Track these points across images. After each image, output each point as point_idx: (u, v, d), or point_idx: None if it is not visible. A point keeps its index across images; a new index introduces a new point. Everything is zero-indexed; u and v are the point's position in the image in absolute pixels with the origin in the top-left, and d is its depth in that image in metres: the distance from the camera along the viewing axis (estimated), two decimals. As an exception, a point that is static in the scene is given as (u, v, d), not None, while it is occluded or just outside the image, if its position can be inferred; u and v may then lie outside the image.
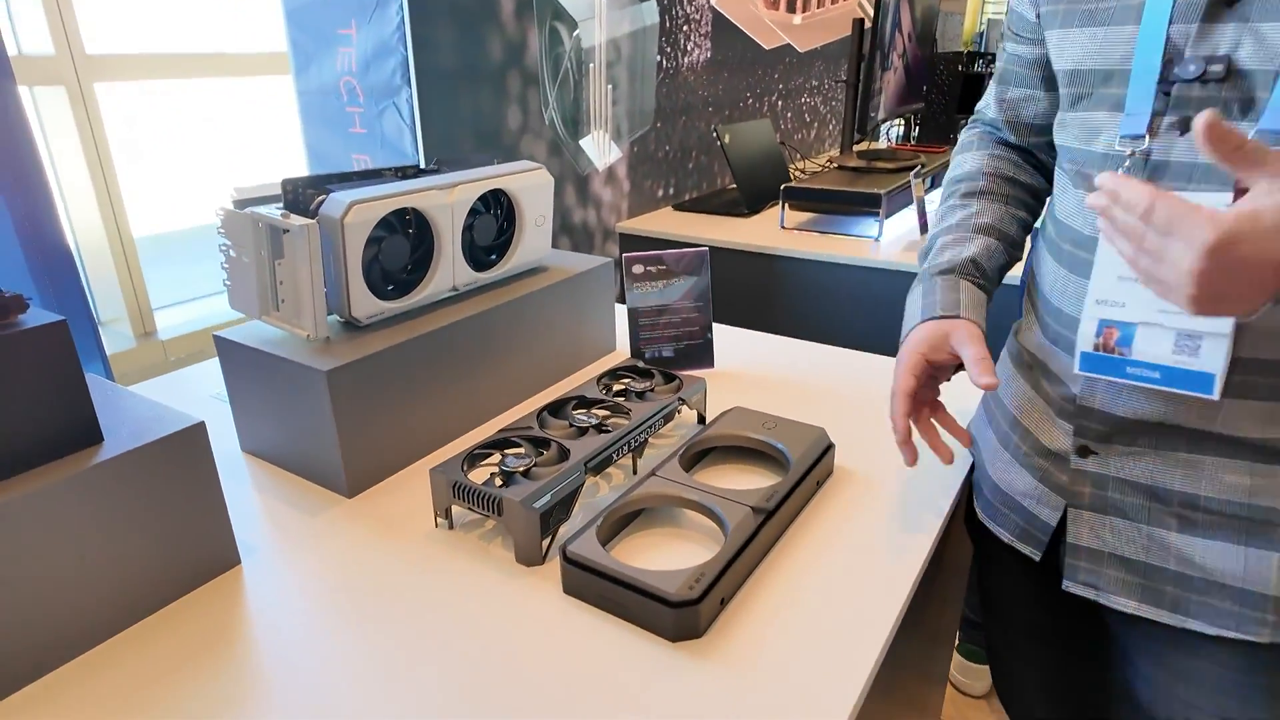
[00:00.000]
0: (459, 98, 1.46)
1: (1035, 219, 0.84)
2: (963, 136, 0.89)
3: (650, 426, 0.81)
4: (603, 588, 0.61)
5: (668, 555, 0.69)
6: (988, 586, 0.91)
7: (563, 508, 0.69)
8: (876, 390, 1.01)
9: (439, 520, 0.73)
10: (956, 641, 1.62)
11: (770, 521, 0.68)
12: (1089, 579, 0.70)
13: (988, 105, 0.85)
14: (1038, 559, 0.74)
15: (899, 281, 1.62)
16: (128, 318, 1.41)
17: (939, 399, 0.76)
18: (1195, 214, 0.47)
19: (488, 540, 0.72)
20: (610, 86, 1.82)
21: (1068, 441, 0.69)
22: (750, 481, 0.79)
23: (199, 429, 0.63)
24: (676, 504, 0.71)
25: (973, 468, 0.85)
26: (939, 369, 0.73)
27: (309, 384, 0.75)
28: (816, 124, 3.08)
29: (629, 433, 0.78)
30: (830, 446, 0.80)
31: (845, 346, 1.16)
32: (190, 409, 0.91)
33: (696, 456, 0.82)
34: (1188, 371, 0.58)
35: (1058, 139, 0.72)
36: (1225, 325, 0.56)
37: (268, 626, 0.62)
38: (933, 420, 0.75)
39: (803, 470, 0.75)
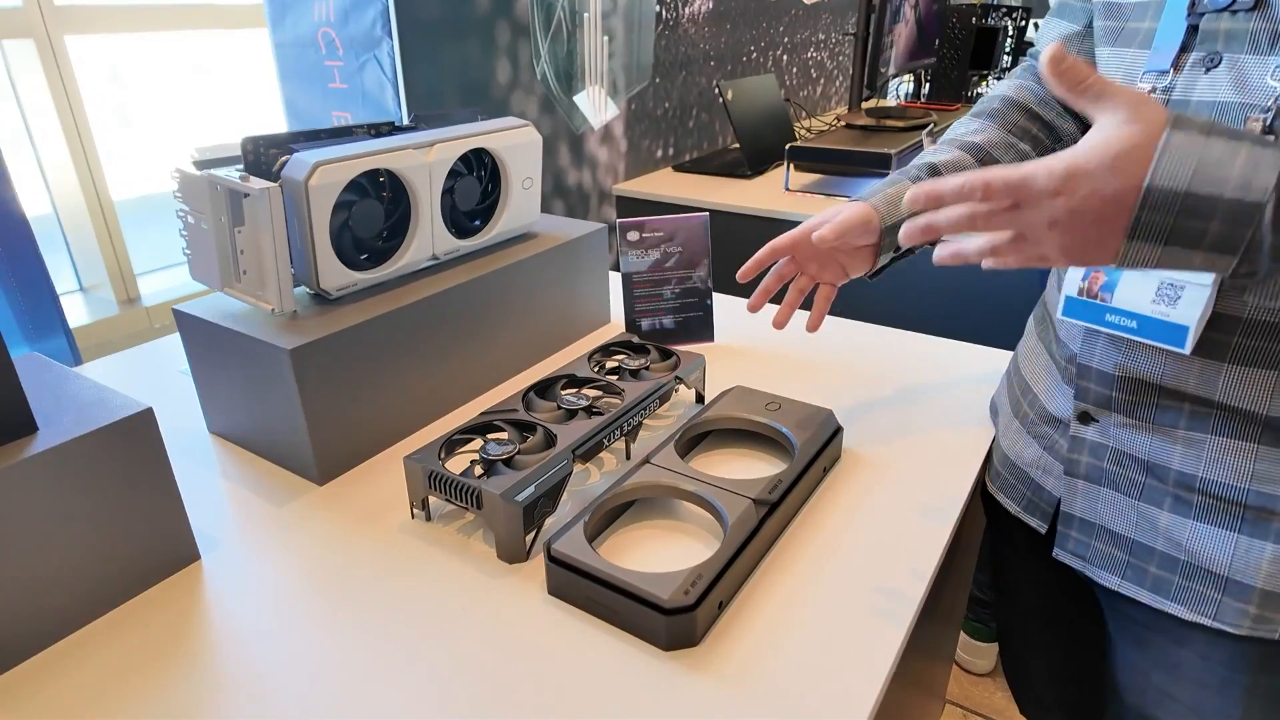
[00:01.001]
0: (444, 50, 1.37)
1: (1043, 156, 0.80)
2: (1015, 67, 0.85)
3: (644, 408, 0.75)
4: (590, 590, 0.56)
5: (662, 552, 0.63)
6: (1000, 564, 0.88)
7: (548, 500, 0.64)
8: (888, 365, 0.95)
9: (415, 511, 0.68)
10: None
11: (774, 515, 0.63)
12: (1077, 549, 0.68)
13: (1041, 37, 0.80)
14: (1043, 531, 0.72)
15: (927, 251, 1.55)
16: (110, 283, 1.35)
17: (833, 283, 0.75)
18: (1028, 169, 0.46)
19: (467, 534, 0.66)
20: (606, 38, 1.72)
21: (1069, 407, 0.66)
22: (752, 468, 0.74)
23: (146, 416, 0.58)
24: (672, 495, 0.65)
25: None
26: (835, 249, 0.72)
27: (272, 363, 0.69)
28: (823, 80, 2.96)
29: (621, 416, 0.72)
30: (838, 430, 0.75)
31: (853, 318, 1.10)
32: (160, 384, 0.85)
33: (695, 440, 0.77)
34: (1162, 322, 0.56)
35: None
36: (1207, 276, 0.53)
37: (227, 628, 0.57)
38: (804, 290, 0.75)
39: (809, 457, 0.69)
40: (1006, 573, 0.87)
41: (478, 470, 0.65)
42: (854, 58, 1.97)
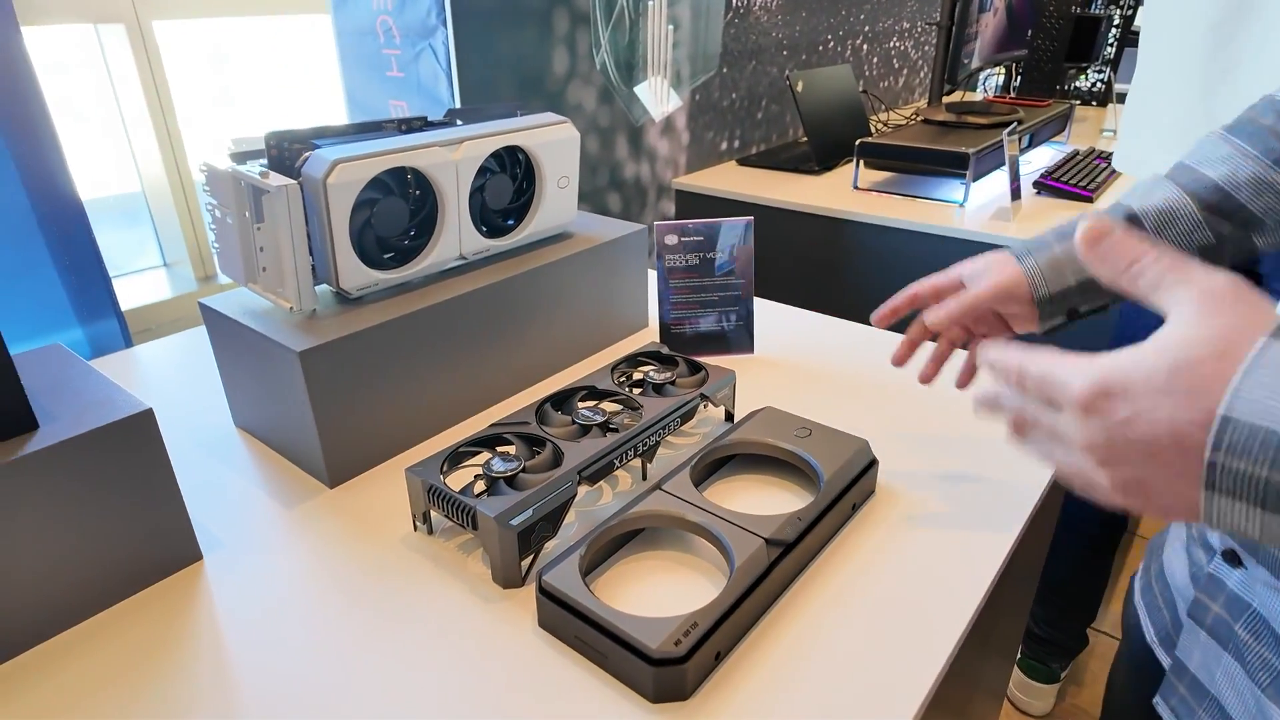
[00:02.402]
0: (499, 39, 1.35)
1: None
2: None
3: (664, 427, 0.71)
4: (579, 629, 0.52)
5: (665, 590, 0.59)
6: (1113, 670, 0.76)
7: (548, 524, 0.60)
8: (943, 388, 0.88)
9: (417, 524, 0.66)
10: (1017, 655, 1.49)
11: (788, 556, 0.58)
12: (1180, 709, 0.56)
13: None
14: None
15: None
16: (189, 261, 1.40)
17: (990, 340, 0.65)
18: (1064, 367, 0.34)
19: (467, 551, 0.64)
20: (671, 26, 1.67)
21: (1219, 536, 0.54)
22: (773, 500, 0.69)
23: (146, 416, 0.57)
24: (678, 527, 0.61)
25: (1061, 495, 0.71)
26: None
27: (284, 364, 0.68)
28: (906, 71, 2.82)
29: (635, 436, 0.68)
30: (873, 462, 0.69)
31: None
32: (203, 370, 0.86)
33: (717, 464, 0.72)
34: None
35: None
36: None
37: (214, 634, 0.56)
38: (956, 343, 0.67)
39: (835, 493, 0.64)
40: (1118, 682, 0.74)
41: (479, 487, 0.62)
42: (936, 48, 1.85)
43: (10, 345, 0.95)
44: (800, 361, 0.95)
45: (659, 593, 0.59)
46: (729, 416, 0.81)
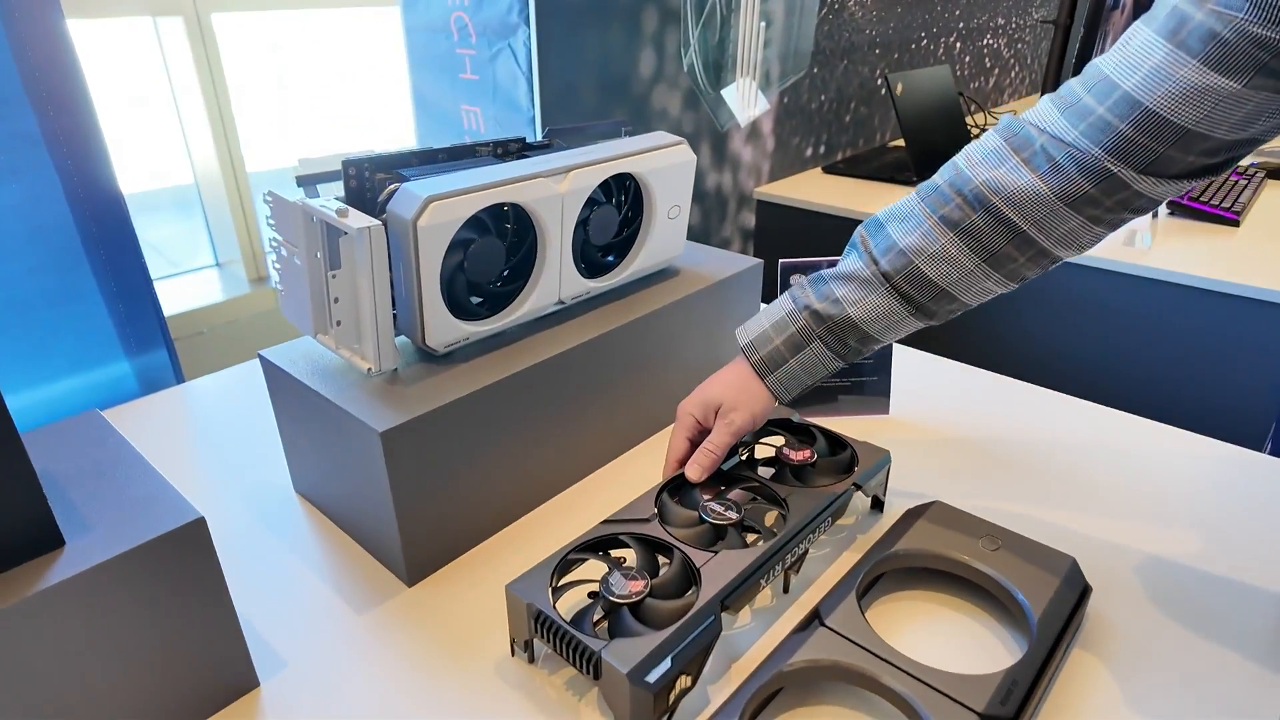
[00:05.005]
0: (584, 39, 1.22)
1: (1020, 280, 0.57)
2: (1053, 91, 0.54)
3: (814, 531, 0.58)
4: (746, 844, 0.40)
5: (840, 763, 0.46)
6: None
7: (688, 674, 0.48)
8: (1142, 468, 0.73)
9: (516, 650, 0.54)
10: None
11: (1006, 736, 0.44)
12: None
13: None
14: None
15: (1158, 294, 1.28)
16: (242, 261, 1.32)
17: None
18: None
19: (578, 693, 0.51)
20: (763, 23, 1.52)
21: None
22: (961, 636, 0.54)
23: (197, 527, 0.46)
24: (860, 686, 0.48)
25: None
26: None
27: (361, 442, 0.56)
28: (997, 69, 2.62)
29: (781, 548, 0.55)
30: (1086, 590, 0.54)
31: (1066, 384, 0.87)
32: (258, 415, 0.75)
33: (875, 576, 0.59)
34: None
35: None
36: None
37: (274, 808, 0.44)
38: None
39: (1052, 639, 0.50)
40: None
41: (597, 615, 0.50)
42: (1051, 50, 1.67)
43: (53, 379, 0.86)
44: (940, 423, 0.80)
45: (833, 772, 0.46)
46: (876, 504, 0.68)
